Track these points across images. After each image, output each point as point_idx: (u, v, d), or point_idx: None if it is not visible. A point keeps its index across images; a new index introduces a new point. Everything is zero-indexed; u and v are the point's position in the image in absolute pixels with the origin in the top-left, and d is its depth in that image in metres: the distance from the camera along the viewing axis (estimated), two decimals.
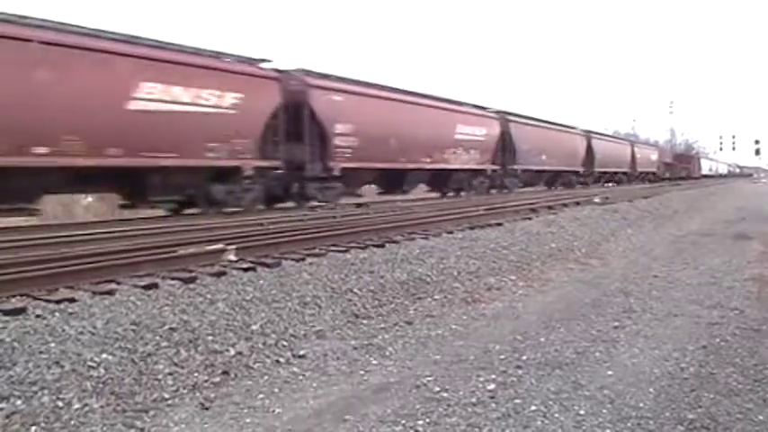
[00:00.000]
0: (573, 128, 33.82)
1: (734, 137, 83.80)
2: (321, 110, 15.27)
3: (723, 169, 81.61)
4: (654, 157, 49.66)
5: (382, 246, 7.95)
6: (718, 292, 6.39)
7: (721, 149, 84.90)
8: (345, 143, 15.91)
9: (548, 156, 28.00)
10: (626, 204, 16.49)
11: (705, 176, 61.94)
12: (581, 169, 32.86)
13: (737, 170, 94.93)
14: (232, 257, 6.62)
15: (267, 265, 6.39)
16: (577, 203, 16.02)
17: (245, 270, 6.11)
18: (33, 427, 3.10)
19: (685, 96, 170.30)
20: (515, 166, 25.33)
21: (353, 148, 16.10)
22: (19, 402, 3.23)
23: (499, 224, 10.77)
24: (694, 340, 4.63)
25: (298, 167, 14.92)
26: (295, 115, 14.76)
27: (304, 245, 7.68)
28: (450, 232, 9.54)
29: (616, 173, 39.86)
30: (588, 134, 34.77)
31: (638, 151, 44.79)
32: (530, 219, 12.12)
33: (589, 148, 33.92)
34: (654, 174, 47.82)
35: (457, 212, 12.36)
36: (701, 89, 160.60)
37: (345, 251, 7.40)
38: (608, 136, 40.37)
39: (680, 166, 57.96)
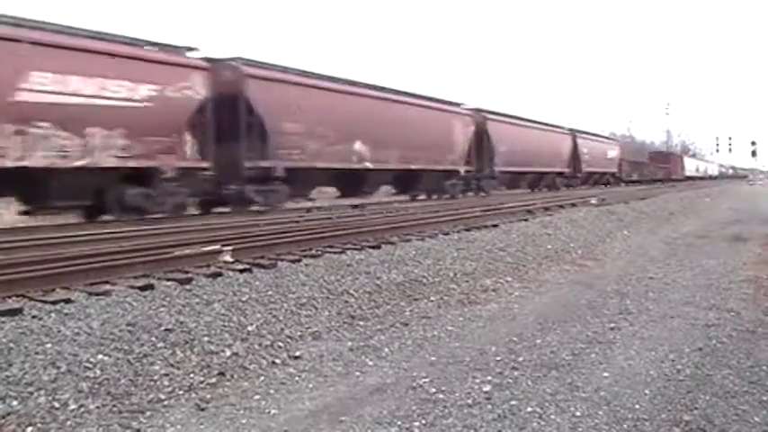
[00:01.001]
0: (451, 104, 21.97)
1: (730, 138, 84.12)
2: None
3: (714, 170, 77.50)
4: (612, 153, 39.31)
5: (378, 247, 7.94)
6: (714, 293, 6.40)
7: (717, 151, 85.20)
8: None
9: (375, 145, 16.61)
10: (622, 206, 16.53)
11: (690, 179, 53.68)
12: (463, 168, 21.59)
13: (730, 171, 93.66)
14: (228, 258, 6.61)
15: (263, 266, 6.38)
16: (573, 205, 16.10)
17: (241, 271, 6.08)
18: (30, 428, 3.10)
19: (682, 98, 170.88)
20: (270, 163, 13.61)
21: None
22: (15, 403, 3.22)
23: (495, 225, 10.78)
24: (690, 342, 4.65)
25: None
26: None
27: (300, 246, 7.67)
28: (447, 233, 9.54)
29: (545, 174, 28.95)
30: (482, 114, 23.28)
31: (584, 144, 33.54)
32: (526, 220, 12.15)
33: (483, 138, 22.91)
34: (613, 175, 38.77)
35: (453, 214, 12.40)
36: (698, 91, 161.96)
37: (341, 252, 7.39)
38: (526, 120, 27.42)
39: (654, 166, 48.70)
